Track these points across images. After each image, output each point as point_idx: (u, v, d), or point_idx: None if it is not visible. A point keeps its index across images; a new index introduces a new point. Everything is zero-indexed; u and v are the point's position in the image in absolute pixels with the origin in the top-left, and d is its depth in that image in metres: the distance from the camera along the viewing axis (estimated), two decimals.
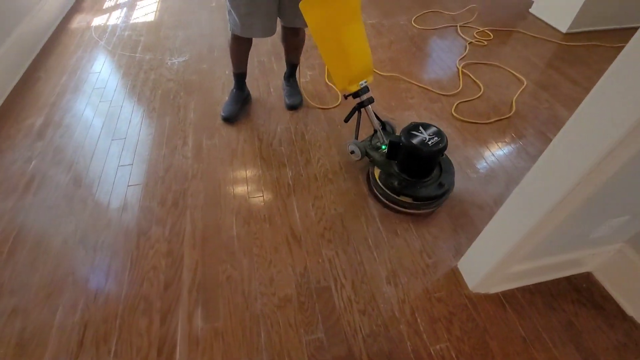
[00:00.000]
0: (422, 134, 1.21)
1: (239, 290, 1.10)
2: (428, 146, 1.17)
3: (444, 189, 1.25)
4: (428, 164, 1.28)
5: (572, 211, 0.78)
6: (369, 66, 1.31)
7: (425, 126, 1.24)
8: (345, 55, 1.23)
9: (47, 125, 1.62)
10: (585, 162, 0.67)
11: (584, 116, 0.68)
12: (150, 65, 2.02)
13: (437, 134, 1.21)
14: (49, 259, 1.15)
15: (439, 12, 2.66)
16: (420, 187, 1.26)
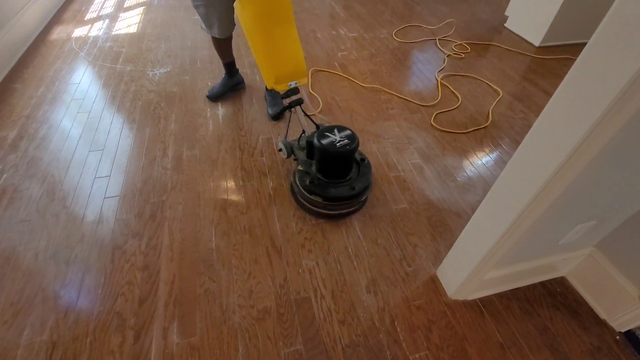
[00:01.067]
0: (334, 136, 1.23)
1: (216, 303, 1.08)
2: (335, 147, 1.19)
3: (354, 192, 1.25)
4: (338, 165, 1.28)
5: (540, 216, 0.80)
6: (300, 68, 1.35)
7: (340, 129, 1.26)
8: (273, 55, 1.29)
9: (20, 138, 1.58)
10: (547, 167, 0.69)
11: (545, 123, 0.70)
12: (131, 77, 2.00)
13: (348, 137, 1.23)
14: (17, 276, 1.11)
15: (418, 26, 2.74)
16: (332, 188, 1.27)
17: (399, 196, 1.43)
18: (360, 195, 1.29)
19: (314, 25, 2.70)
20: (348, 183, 1.29)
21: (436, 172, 1.54)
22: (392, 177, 1.51)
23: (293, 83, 1.36)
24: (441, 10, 3.02)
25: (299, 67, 1.35)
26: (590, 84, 0.59)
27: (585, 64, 0.60)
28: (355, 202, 1.30)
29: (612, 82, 0.55)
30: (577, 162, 0.67)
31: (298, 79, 1.37)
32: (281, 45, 1.29)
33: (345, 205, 1.29)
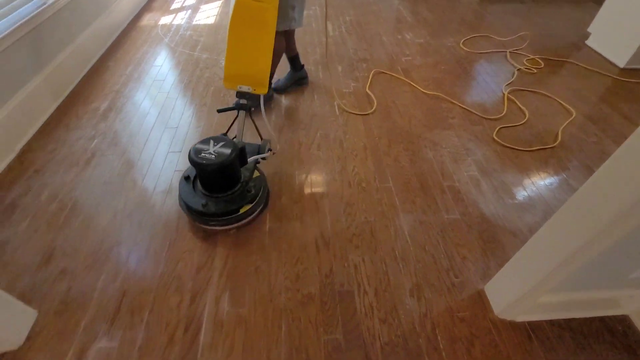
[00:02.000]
0: (207, 147, 1.16)
1: (265, 282, 1.14)
2: (196, 156, 1.13)
3: (202, 210, 1.18)
4: (201, 177, 1.24)
5: (610, 246, 0.76)
6: (255, 77, 1.33)
7: (218, 140, 1.18)
8: (231, 53, 1.31)
9: (110, 110, 1.78)
10: (626, 196, 0.66)
11: (630, 151, 0.67)
12: (206, 64, 2.16)
13: (218, 153, 1.13)
14: (99, 229, 1.26)
15: (488, 36, 2.65)
16: (194, 197, 1.22)
17: (452, 206, 1.41)
18: (205, 215, 1.21)
19: (380, 29, 2.72)
20: (209, 198, 1.22)
21: (493, 187, 1.49)
22: (446, 186, 1.49)
23: (244, 87, 1.34)
24: (514, 22, 2.89)
25: (255, 75, 1.33)
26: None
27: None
28: (203, 220, 1.23)
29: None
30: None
31: (252, 86, 1.34)
32: (242, 47, 1.29)
33: (196, 218, 1.23)
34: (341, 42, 2.50)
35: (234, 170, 1.23)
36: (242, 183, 1.27)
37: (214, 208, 1.21)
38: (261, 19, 1.28)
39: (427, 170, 1.55)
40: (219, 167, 1.14)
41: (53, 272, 1.14)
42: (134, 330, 1.02)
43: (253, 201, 1.26)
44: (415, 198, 1.43)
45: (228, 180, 1.24)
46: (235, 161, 1.20)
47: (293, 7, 1.61)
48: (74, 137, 1.61)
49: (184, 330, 1.02)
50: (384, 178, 1.51)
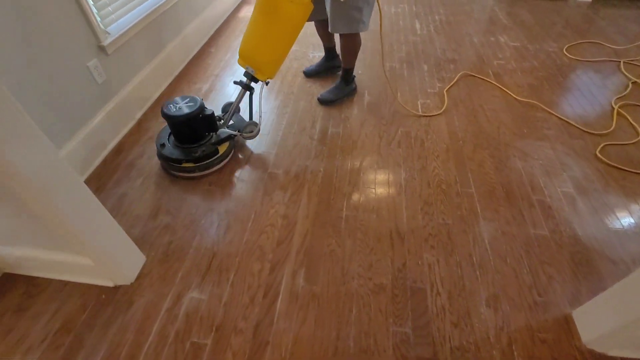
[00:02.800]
0: (177, 103, 1.39)
1: (339, 265, 1.19)
2: (168, 109, 1.36)
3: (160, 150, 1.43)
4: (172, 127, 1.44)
5: None
6: (258, 63, 1.41)
7: (186, 98, 1.40)
8: (247, 32, 1.40)
9: (210, 91, 1.98)
10: None
11: None
12: (295, 56, 2.28)
13: (189, 107, 1.37)
14: (197, 195, 1.42)
15: (599, 43, 2.38)
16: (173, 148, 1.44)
17: (540, 221, 1.31)
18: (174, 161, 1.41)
19: (470, 29, 2.59)
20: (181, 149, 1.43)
21: (592, 208, 1.35)
22: (535, 200, 1.39)
23: (250, 69, 1.42)
24: (632, 29, 2.55)
25: (262, 62, 1.41)
26: None
27: None
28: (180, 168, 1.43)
29: None
30: None
31: (255, 69, 1.42)
32: (257, 33, 1.36)
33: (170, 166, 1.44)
34: (429, 41, 2.45)
35: (190, 129, 1.43)
36: (199, 144, 1.45)
37: (165, 151, 1.43)
38: (280, 14, 1.30)
39: (515, 181, 1.46)
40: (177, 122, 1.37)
41: (159, 226, 1.31)
42: (221, 287, 1.13)
43: (196, 162, 1.43)
44: (498, 207, 1.36)
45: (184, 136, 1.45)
46: (193, 123, 1.40)
47: (360, 9, 1.49)
48: None
49: (263, 295, 1.11)
50: (466, 182, 1.46)
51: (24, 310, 1.08)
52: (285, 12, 1.29)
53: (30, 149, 0.76)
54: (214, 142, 1.47)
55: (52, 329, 1.04)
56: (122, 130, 1.69)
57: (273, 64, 1.44)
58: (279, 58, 1.44)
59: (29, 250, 1.09)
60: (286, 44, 1.41)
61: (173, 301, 1.10)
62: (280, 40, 1.38)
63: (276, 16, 1.30)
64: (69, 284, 1.14)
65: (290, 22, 1.34)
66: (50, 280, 1.15)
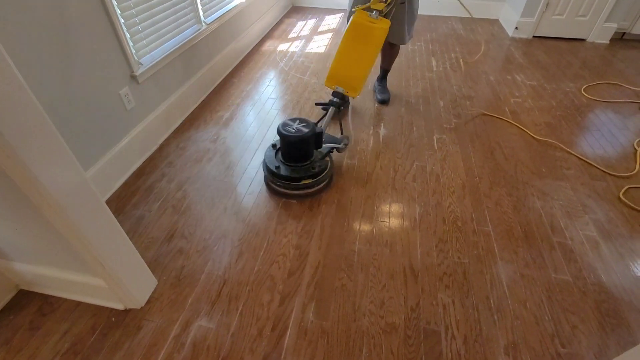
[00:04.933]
0: (292, 124, 1.45)
1: (350, 300, 1.16)
2: (287, 130, 1.41)
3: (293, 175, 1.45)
4: (286, 148, 1.48)
5: None
6: (351, 83, 1.60)
7: (302, 121, 1.46)
8: (335, 58, 1.59)
9: (231, 119, 2.05)
10: None
11: None
12: (313, 88, 2.36)
13: (300, 129, 1.42)
14: (211, 220, 1.44)
15: (618, 84, 2.38)
16: (283, 168, 1.48)
17: (562, 266, 1.26)
18: (295, 180, 1.46)
19: (487, 68, 2.64)
20: (293, 168, 1.48)
21: (618, 254, 1.30)
22: (556, 242, 1.34)
23: (340, 88, 1.60)
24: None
25: (352, 81, 1.59)
26: None
27: None
28: (289, 185, 1.48)
29: None
30: None
31: (346, 89, 1.61)
32: (348, 56, 1.53)
33: (283, 185, 1.48)
34: (444, 78, 2.50)
35: (307, 147, 1.48)
36: (311, 161, 1.51)
37: (283, 172, 1.47)
38: (370, 38, 1.52)
39: (534, 221, 1.42)
40: (297, 140, 1.42)
41: (173, 250, 1.33)
42: (230, 317, 1.12)
43: (314, 177, 1.48)
44: (517, 248, 1.32)
45: (301, 154, 1.49)
46: (310, 140, 1.47)
47: (412, 22, 1.85)
48: (200, 138, 1.89)
49: (272, 328, 1.09)
50: (483, 221, 1.43)
51: (36, 328, 1.08)
52: (375, 36, 1.53)
53: (60, 170, 0.80)
54: (322, 157, 1.55)
55: (60, 349, 1.03)
56: (145, 155, 1.75)
57: (363, 81, 1.64)
58: (366, 76, 1.64)
59: (45, 269, 1.11)
60: (372, 63, 1.62)
61: (181, 328, 1.09)
62: (370, 60, 1.59)
63: (367, 40, 1.52)
64: (81, 304, 1.15)
65: (377, 44, 1.57)
66: (64, 300, 1.16)
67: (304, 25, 3.44)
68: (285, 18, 3.60)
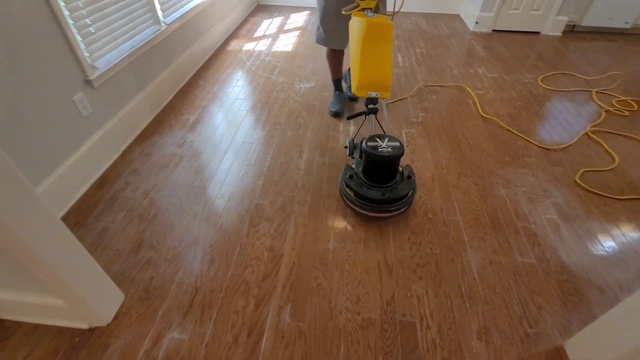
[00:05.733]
0: (380, 142, 1.34)
1: (326, 299, 1.16)
2: (376, 151, 1.30)
3: (383, 198, 1.32)
4: (375, 168, 1.36)
5: None
6: (384, 83, 1.49)
7: (391, 139, 1.36)
8: (362, 65, 1.45)
9: (197, 122, 1.99)
10: None
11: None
12: (282, 87, 2.33)
13: (392, 147, 1.32)
14: (181, 227, 1.39)
15: (571, 74, 2.51)
16: (365, 188, 1.36)
17: (526, 249, 1.32)
18: (387, 203, 1.34)
19: (450, 62, 2.72)
20: (382, 189, 1.35)
21: (576, 235, 1.37)
22: (520, 227, 1.40)
23: (373, 93, 1.50)
24: (602, 60, 2.71)
25: (383, 82, 1.49)
26: None
27: None
28: (382, 209, 1.36)
29: None
30: None
31: (380, 91, 1.50)
32: (372, 59, 1.45)
33: (374, 208, 1.36)
34: (410, 73, 2.54)
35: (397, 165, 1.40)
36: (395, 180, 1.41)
37: (392, 195, 1.34)
38: (387, 35, 1.46)
39: (500, 208, 1.48)
40: (397, 159, 1.33)
41: (141, 261, 1.27)
42: (203, 326, 1.08)
43: (403, 199, 1.38)
44: (485, 235, 1.37)
45: (395, 171, 1.40)
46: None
47: None
48: (166, 143, 1.82)
49: (248, 334, 1.07)
50: (452, 211, 1.47)
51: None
52: (390, 32, 1.47)
53: (4, 190, 0.74)
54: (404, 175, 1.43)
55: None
56: (106, 163, 1.66)
57: (390, 80, 1.55)
58: (392, 73, 1.57)
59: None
60: (392, 59, 1.55)
61: (152, 342, 1.04)
62: (391, 57, 1.52)
63: (384, 38, 1.46)
64: (40, 327, 1.07)
65: (391, 40, 1.51)
66: (21, 324, 1.08)
67: (269, 23, 3.40)
68: (251, 17, 3.54)
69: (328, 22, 1.77)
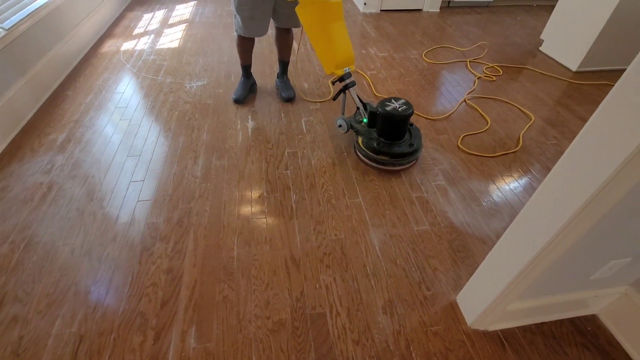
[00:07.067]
0: (394, 104, 1.53)
1: (234, 311, 1.10)
2: (398, 111, 1.49)
3: (414, 148, 1.56)
4: (399, 127, 1.56)
5: (568, 249, 0.77)
6: (351, 57, 1.62)
7: (396, 99, 1.56)
8: (332, 46, 1.54)
9: (68, 141, 1.72)
10: (577, 198, 0.67)
11: (577, 151, 0.69)
12: (170, 88, 2.13)
13: (405, 104, 1.53)
14: (54, 269, 1.19)
15: (449, 47, 2.75)
16: (395, 147, 1.56)
17: (421, 217, 1.42)
18: (417, 151, 1.60)
19: None
20: (405, 142, 1.59)
21: (461, 195, 1.51)
22: (415, 197, 1.50)
23: (347, 69, 1.63)
24: (473, 32, 3.02)
25: (351, 56, 1.62)
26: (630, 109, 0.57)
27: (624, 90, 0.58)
28: (414, 157, 1.60)
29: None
30: (609, 195, 0.65)
31: (350, 65, 1.64)
32: (337, 38, 1.54)
33: (407, 160, 1.58)
34: (307, 60, 2.53)
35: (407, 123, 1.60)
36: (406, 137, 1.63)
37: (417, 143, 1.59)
38: (341, 11, 1.52)
39: (396, 184, 1.56)
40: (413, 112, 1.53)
41: (4, 320, 1.06)
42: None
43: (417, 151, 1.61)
44: (384, 212, 1.43)
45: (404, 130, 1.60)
46: None
47: None
48: (28, 172, 1.54)
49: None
50: (354, 193, 1.51)
51: None
52: (342, 11, 1.53)
53: None
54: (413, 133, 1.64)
55: None
56: None
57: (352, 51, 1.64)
58: None
59: None
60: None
61: None
62: (346, 32, 1.58)
63: (340, 16, 1.53)
64: None
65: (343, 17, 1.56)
66: None
67: (151, 18, 3.07)
68: (128, 11, 3.16)
69: (245, 11, 1.70)
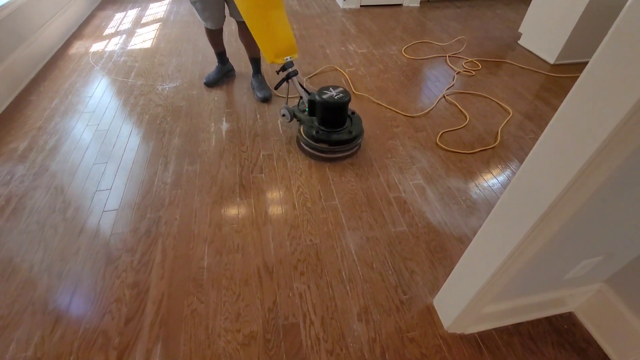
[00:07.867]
0: (331, 92, 1.51)
1: (202, 325, 1.05)
2: (334, 99, 1.48)
3: (352, 135, 1.55)
4: (337, 115, 1.54)
5: (540, 249, 0.74)
6: (293, 45, 1.61)
7: (334, 87, 1.54)
8: (271, 34, 1.53)
9: (30, 149, 1.63)
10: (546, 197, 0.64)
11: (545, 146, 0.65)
12: (140, 91, 2.05)
13: (342, 92, 1.51)
14: (10, 288, 1.12)
15: (429, 42, 2.72)
16: (333, 135, 1.54)
17: (398, 218, 1.38)
18: (356, 139, 1.57)
19: (323, 41, 2.72)
20: (345, 130, 1.57)
21: (439, 194, 1.49)
22: (392, 197, 1.47)
23: (288, 58, 1.61)
24: (453, 26, 3.00)
25: (292, 45, 1.61)
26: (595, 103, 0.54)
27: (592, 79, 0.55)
28: (353, 145, 1.59)
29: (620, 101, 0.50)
30: (578, 194, 0.62)
31: (291, 54, 1.62)
32: (276, 26, 1.52)
33: (346, 148, 1.57)
34: None
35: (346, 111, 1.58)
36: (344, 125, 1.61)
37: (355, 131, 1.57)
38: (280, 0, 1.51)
39: (374, 184, 1.53)
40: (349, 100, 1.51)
41: None
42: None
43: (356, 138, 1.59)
44: (361, 214, 1.40)
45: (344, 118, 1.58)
46: None
47: None
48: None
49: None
50: (330, 196, 1.47)
51: None
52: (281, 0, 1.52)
53: None
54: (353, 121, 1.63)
55: None
56: None
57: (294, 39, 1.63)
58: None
59: None
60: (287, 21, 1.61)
61: None
62: (287, 21, 1.58)
63: (278, 4, 1.51)
64: None
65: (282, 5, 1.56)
66: None
67: (123, 17, 2.97)
68: (98, 11, 3.04)
69: (197, 2, 1.74)
